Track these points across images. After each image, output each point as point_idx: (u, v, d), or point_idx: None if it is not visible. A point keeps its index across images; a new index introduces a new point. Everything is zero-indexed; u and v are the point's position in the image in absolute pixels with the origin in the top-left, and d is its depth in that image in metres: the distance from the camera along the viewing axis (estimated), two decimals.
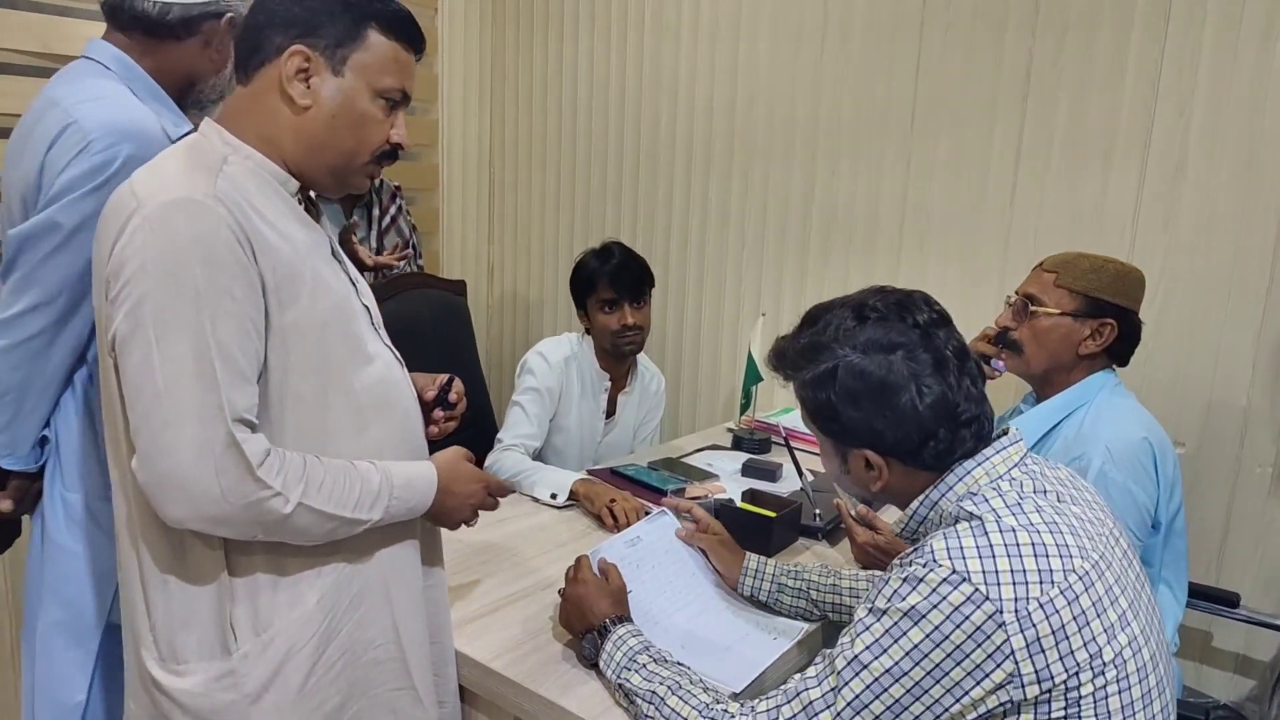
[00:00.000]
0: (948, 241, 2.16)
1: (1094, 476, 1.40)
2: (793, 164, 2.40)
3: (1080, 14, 1.91)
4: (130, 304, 0.85)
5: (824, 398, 0.99)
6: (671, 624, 1.27)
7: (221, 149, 0.95)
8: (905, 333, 0.97)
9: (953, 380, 0.96)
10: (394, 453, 1.03)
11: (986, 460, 0.98)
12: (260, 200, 0.93)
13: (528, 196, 3.06)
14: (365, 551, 1.02)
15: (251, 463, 0.87)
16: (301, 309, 0.93)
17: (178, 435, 0.85)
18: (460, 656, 1.19)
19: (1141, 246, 1.90)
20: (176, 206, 0.86)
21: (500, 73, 3.06)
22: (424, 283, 2.51)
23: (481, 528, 1.60)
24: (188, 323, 0.85)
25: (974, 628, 0.85)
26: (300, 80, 0.95)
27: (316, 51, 0.95)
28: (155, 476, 0.86)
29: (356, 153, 1.00)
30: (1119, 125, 1.90)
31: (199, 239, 0.85)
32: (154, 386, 0.85)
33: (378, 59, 0.98)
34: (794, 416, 2.33)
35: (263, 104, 0.96)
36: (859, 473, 1.03)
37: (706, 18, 2.51)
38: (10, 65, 1.96)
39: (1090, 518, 0.95)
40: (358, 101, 0.97)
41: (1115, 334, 1.48)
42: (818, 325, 1.02)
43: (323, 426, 0.96)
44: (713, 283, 2.62)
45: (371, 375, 1.01)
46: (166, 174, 0.90)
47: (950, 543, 0.89)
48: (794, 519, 1.61)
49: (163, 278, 0.85)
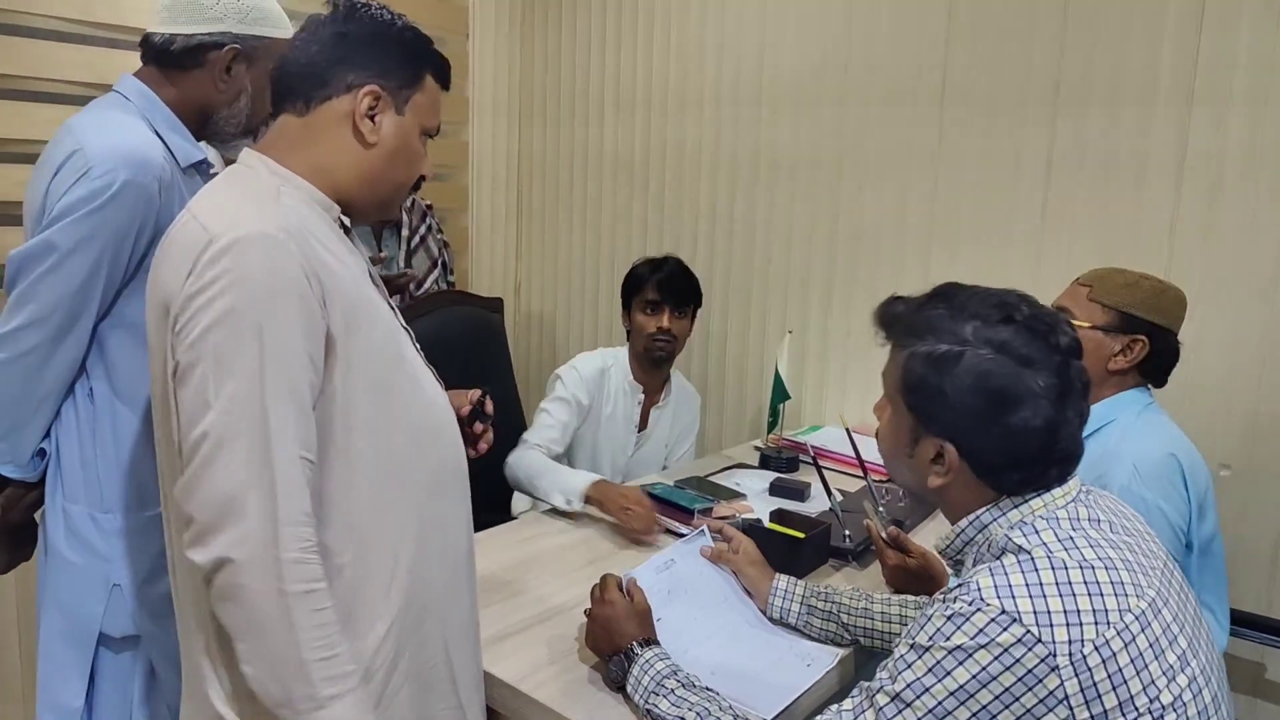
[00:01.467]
0: (978, 257, 2.14)
1: (1118, 494, 1.37)
2: (819, 180, 2.39)
3: (1110, 27, 1.89)
4: (193, 337, 0.86)
5: (934, 378, 0.92)
6: (703, 650, 1.25)
7: (271, 179, 0.96)
8: (1046, 352, 0.90)
9: (1070, 415, 0.91)
10: (447, 477, 1.05)
11: (1047, 492, 0.93)
12: (316, 229, 0.95)
13: (554, 216, 3.08)
14: (425, 574, 1.02)
15: (284, 517, 0.84)
16: (363, 335, 0.95)
17: (224, 472, 0.83)
18: (489, 677, 1.19)
19: (1179, 260, 1.86)
20: (251, 242, 0.87)
21: (528, 94, 3.10)
22: (460, 300, 2.53)
23: (508, 547, 1.61)
24: (248, 361, 0.85)
25: (1025, 670, 0.81)
26: (369, 117, 0.99)
27: (386, 92, 1.00)
28: (192, 507, 0.84)
29: (404, 185, 1.06)
30: (1152, 139, 1.87)
31: (268, 274, 0.86)
32: (207, 422, 0.84)
33: (430, 101, 1.04)
34: (822, 435, 2.31)
35: (324, 136, 0.99)
36: (922, 462, 0.96)
37: (731, 36, 2.52)
38: (62, 95, 2.03)
39: (1145, 549, 0.91)
40: (412, 139, 1.03)
41: (1146, 351, 1.45)
42: (953, 303, 0.95)
43: (389, 451, 0.97)
44: (739, 300, 2.62)
45: (424, 398, 1.02)
46: (232, 206, 0.91)
47: (998, 580, 0.84)
48: (823, 540, 1.59)
49: (227, 315, 0.85)
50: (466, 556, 1.10)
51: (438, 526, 1.03)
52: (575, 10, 2.90)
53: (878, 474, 2.04)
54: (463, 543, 1.08)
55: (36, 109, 1.99)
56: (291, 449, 0.86)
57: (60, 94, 2.02)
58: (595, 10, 2.85)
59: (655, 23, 2.70)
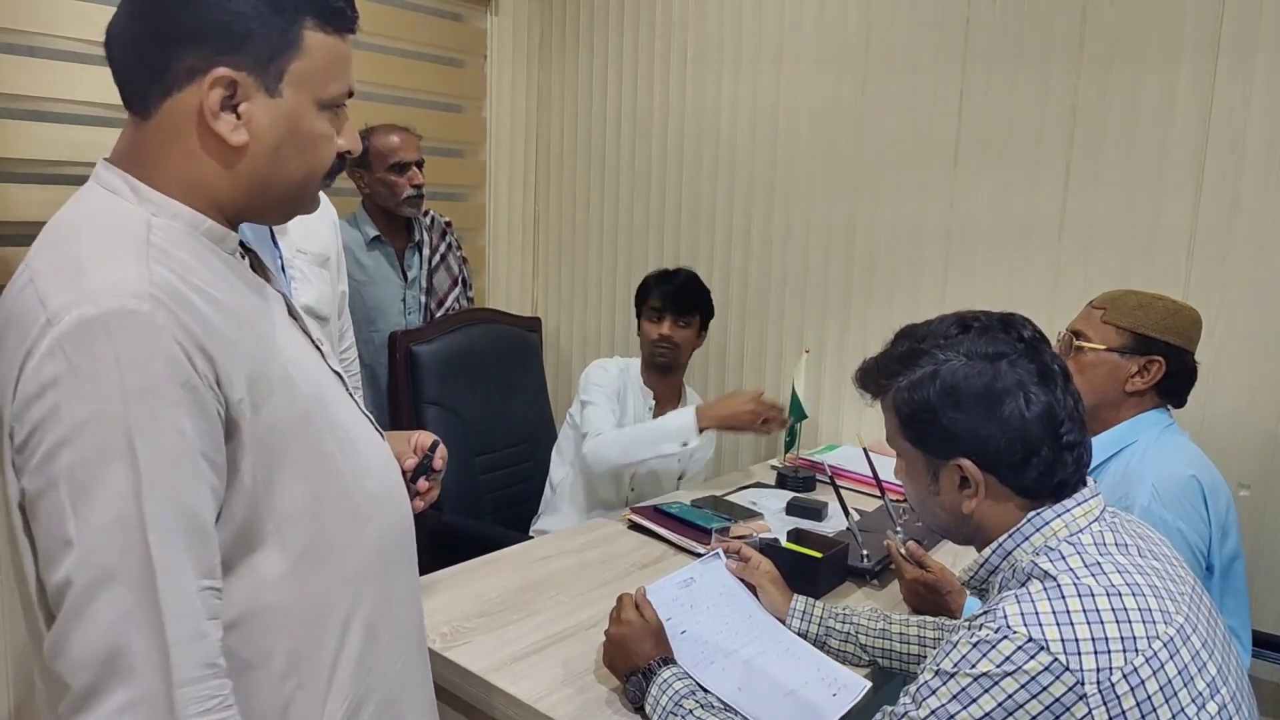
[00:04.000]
0: (995, 276, 2.14)
1: (1139, 516, 1.36)
2: (835, 198, 2.40)
3: (1127, 46, 1.90)
4: (37, 458, 0.66)
5: (922, 399, 0.94)
6: (729, 663, 1.24)
7: (139, 211, 0.74)
8: (1010, 344, 0.93)
9: (1059, 395, 0.92)
10: (395, 550, 0.89)
11: (1067, 512, 0.93)
12: (202, 276, 0.73)
13: (571, 234, 3.11)
14: (375, 667, 0.87)
15: (177, 678, 0.67)
16: (275, 407, 0.75)
17: (98, 620, 0.65)
18: (505, 696, 1.19)
19: (1197, 279, 1.85)
20: (104, 325, 0.65)
21: (545, 116, 3.13)
22: (493, 318, 2.56)
23: (523, 567, 1.62)
24: (118, 485, 0.65)
25: (1052, 699, 0.80)
26: (228, 111, 0.74)
27: (244, 72, 0.74)
28: (68, 665, 0.66)
29: (308, 180, 0.81)
30: (1169, 158, 1.86)
31: (131, 366, 0.66)
32: (68, 567, 0.65)
33: (321, 62, 0.77)
34: (839, 454, 2.30)
35: (178, 144, 0.75)
36: (950, 493, 0.96)
37: (748, 52, 2.54)
38: (81, 117, 2.07)
39: (1172, 574, 0.90)
40: (304, 122, 0.78)
41: (1163, 372, 1.44)
42: (914, 337, 0.98)
43: (321, 541, 0.80)
44: (755, 318, 2.62)
45: (362, 465, 0.85)
46: (81, 266, 0.68)
47: (1024, 607, 0.84)
48: (841, 559, 1.59)
49: (80, 427, 0.65)
50: (418, 631, 0.96)
51: (384, 611, 0.87)
52: (593, 30, 2.94)
53: (895, 493, 2.04)
54: (414, 619, 0.94)
55: (56, 130, 2.03)
56: (185, 583, 0.68)
57: (80, 115, 2.07)
58: (613, 30, 2.88)
59: (673, 42, 2.72)
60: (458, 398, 2.31)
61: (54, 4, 1.98)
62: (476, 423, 2.34)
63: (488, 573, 1.58)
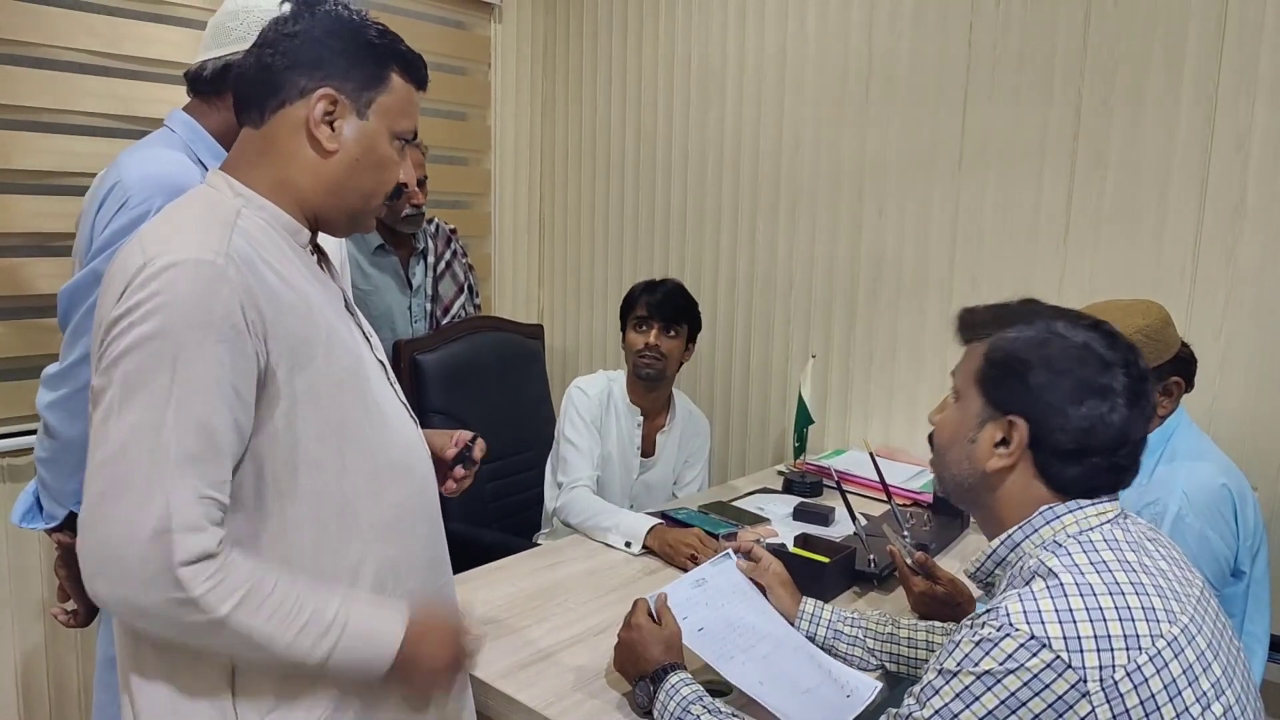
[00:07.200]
0: (1001, 281, 2.14)
1: (1170, 522, 1.36)
2: (840, 206, 2.41)
3: (1130, 51, 1.90)
4: (107, 361, 0.82)
5: (1023, 353, 0.94)
6: (749, 658, 1.24)
7: (233, 201, 0.91)
8: (1125, 360, 0.94)
9: (1138, 424, 0.93)
10: (411, 518, 0.99)
11: (1080, 510, 0.93)
12: (274, 255, 0.90)
13: (577, 242, 3.11)
14: None
15: (175, 559, 0.78)
16: (317, 370, 0.89)
17: (112, 509, 0.79)
18: (514, 703, 1.19)
19: (1203, 281, 1.85)
20: (186, 268, 0.81)
21: (550, 124, 3.14)
22: (497, 326, 2.56)
23: (533, 573, 1.62)
24: (156, 391, 0.80)
25: (1055, 697, 0.80)
26: (326, 124, 0.93)
27: (344, 95, 0.93)
28: (86, 546, 0.80)
29: (374, 195, 0.98)
30: (1174, 161, 1.86)
31: (196, 302, 0.81)
32: (104, 452, 0.80)
33: (399, 102, 0.97)
34: (846, 459, 2.30)
35: (281, 147, 0.93)
36: (984, 446, 0.96)
37: (752, 63, 2.55)
38: (90, 128, 2.08)
39: (1179, 576, 0.90)
40: (379, 145, 0.96)
41: (1183, 387, 1.50)
42: (1038, 306, 1.00)
43: (340, 492, 0.91)
44: (761, 325, 2.62)
45: (388, 436, 0.97)
46: (177, 229, 0.86)
47: (1027, 605, 0.84)
48: (848, 564, 1.59)
49: (144, 340, 0.80)
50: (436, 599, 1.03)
51: (395, 571, 0.96)
52: (597, 38, 2.95)
53: (902, 498, 2.04)
54: (429, 586, 1.02)
55: (65, 141, 2.03)
56: (190, 483, 0.80)
57: (88, 126, 2.07)
58: (617, 38, 2.90)
59: (677, 50, 2.73)
60: (462, 406, 2.31)
61: (56, 15, 1.99)
62: (481, 431, 2.31)
63: (495, 579, 1.59)
